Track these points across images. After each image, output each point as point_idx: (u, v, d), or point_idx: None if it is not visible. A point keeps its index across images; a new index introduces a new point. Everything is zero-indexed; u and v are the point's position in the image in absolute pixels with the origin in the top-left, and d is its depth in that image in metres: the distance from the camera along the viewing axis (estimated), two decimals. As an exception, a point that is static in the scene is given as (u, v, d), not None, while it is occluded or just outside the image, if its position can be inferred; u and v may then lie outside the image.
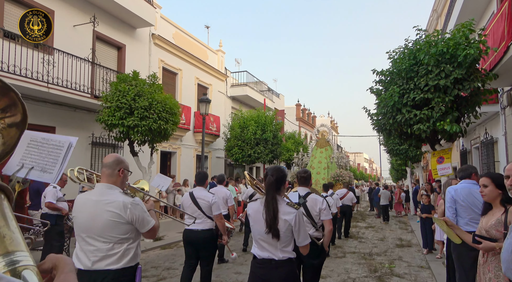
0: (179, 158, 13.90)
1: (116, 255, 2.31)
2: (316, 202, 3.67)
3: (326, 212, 3.67)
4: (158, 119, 8.21)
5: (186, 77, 14.43)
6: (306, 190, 3.82)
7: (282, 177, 2.64)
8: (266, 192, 2.57)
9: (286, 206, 2.54)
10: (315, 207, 3.66)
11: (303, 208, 3.64)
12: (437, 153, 6.94)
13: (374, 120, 7.72)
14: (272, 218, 2.44)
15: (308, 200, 3.67)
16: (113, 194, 2.36)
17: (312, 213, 3.64)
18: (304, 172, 3.90)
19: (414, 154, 11.92)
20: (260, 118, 14.89)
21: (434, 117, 6.17)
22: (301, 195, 3.74)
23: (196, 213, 4.45)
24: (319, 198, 3.73)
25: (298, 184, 3.93)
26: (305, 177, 3.86)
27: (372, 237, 10.46)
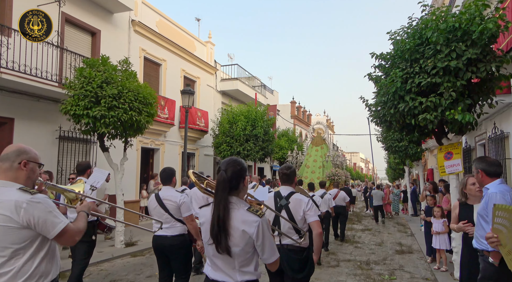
0: (162, 155, 12.94)
1: (7, 274, 1.79)
2: (301, 203, 3.10)
3: (312, 213, 3.10)
4: (129, 110, 7.26)
5: (171, 69, 13.47)
6: (289, 189, 3.25)
7: (239, 172, 1.97)
8: (215, 193, 1.93)
9: (246, 212, 1.90)
10: (299, 210, 3.09)
11: (285, 211, 3.12)
12: (445, 148, 6.05)
13: (372, 111, 6.84)
14: (217, 227, 1.83)
15: (291, 201, 3.12)
16: (6, 193, 1.87)
17: (296, 216, 3.08)
18: (287, 168, 3.30)
19: (414, 152, 11.09)
20: (250, 113, 13.97)
21: (443, 105, 5.28)
22: (283, 195, 3.18)
23: (163, 217, 3.90)
24: (304, 198, 3.15)
25: (280, 182, 3.36)
26: (287, 174, 3.28)
27: (369, 241, 9.58)
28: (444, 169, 5.96)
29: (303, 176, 17.57)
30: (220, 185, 1.90)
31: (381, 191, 15.16)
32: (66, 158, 8.86)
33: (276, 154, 20.25)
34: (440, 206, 6.16)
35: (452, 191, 5.78)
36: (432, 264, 6.68)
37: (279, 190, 3.29)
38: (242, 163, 2.04)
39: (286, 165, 3.40)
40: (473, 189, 3.43)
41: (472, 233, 3.23)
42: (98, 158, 9.60)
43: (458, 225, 3.42)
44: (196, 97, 15.30)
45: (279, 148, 20.09)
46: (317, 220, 3.08)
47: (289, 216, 3.07)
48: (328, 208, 8.67)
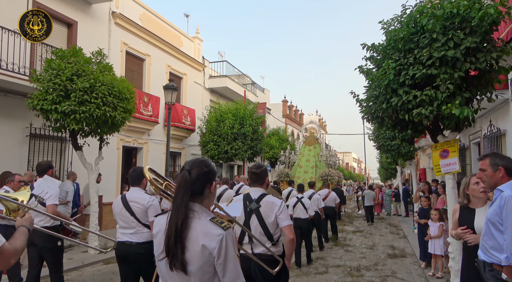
0: (146, 155, 12.38)
1: None
2: (273, 206, 2.82)
3: (284, 217, 2.82)
4: (103, 105, 6.71)
5: (155, 64, 12.91)
6: (260, 191, 2.92)
7: (206, 175, 1.65)
8: (174, 197, 1.60)
9: (209, 222, 1.56)
10: (270, 214, 2.80)
11: (256, 215, 2.82)
12: (440, 146, 5.64)
13: (363, 107, 6.41)
14: (173, 239, 1.50)
15: (263, 205, 2.82)
16: None
17: (267, 221, 2.80)
18: (257, 167, 2.97)
19: (407, 151, 10.72)
20: (238, 111, 13.48)
21: (439, 99, 4.86)
22: (254, 198, 2.86)
23: (128, 221, 3.54)
24: (276, 201, 2.86)
25: (250, 183, 3.07)
26: (257, 174, 2.93)
27: (360, 244, 9.17)
28: (439, 168, 5.54)
29: (295, 176, 17.20)
30: (180, 188, 1.56)
31: (373, 191, 14.90)
32: (37, 157, 8.26)
33: (267, 154, 19.79)
34: (438, 209, 5.73)
35: (448, 192, 5.37)
36: (426, 270, 6.27)
37: (248, 193, 2.95)
38: (211, 165, 1.70)
39: (256, 163, 3.06)
40: (477, 190, 2.99)
41: (471, 242, 2.80)
42: (74, 157, 9.02)
43: (457, 232, 2.98)
44: (183, 94, 14.77)
45: (269, 148, 19.63)
46: (289, 224, 2.80)
47: (260, 221, 2.79)
48: (318, 209, 8.31)
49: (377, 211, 16.28)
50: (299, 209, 7.22)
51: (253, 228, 2.79)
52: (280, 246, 2.88)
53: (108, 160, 10.46)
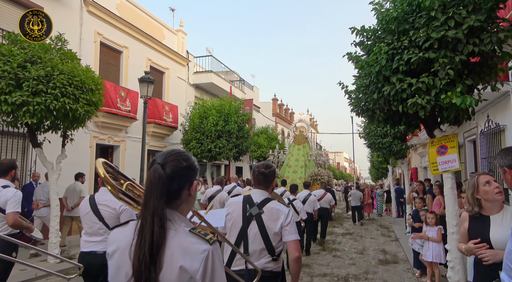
0: (123, 153, 11.61)
1: None
2: (278, 214, 2.37)
3: (292, 229, 2.35)
4: (61, 96, 5.96)
5: (134, 58, 12.13)
6: (264, 194, 2.49)
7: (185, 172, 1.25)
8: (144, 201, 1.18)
9: (189, 235, 1.17)
10: (275, 223, 2.35)
11: (256, 223, 2.37)
12: (437, 141, 5.04)
13: (352, 98, 5.80)
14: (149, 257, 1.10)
15: (266, 211, 2.38)
16: None
17: (269, 231, 2.35)
18: (266, 167, 2.51)
19: (399, 149, 10.18)
20: (223, 107, 12.79)
21: (437, 87, 4.27)
22: (256, 202, 2.43)
23: (96, 227, 3.13)
24: (283, 208, 2.41)
25: (254, 184, 2.59)
26: (265, 175, 2.49)
27: (350, 248, 8.56)
28: (436, 166, 4.95)
29: (284, 176, 16.61)
30: (153, 189, 1.18)
31: (360, 191, 14.63)
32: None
33: (255, 153, 19.14)
34: (433, 212, 5.12)
35: (446, 192, 4.77)
36: (421, 279, 5.67)
37: (250, 195, 2.51)
38: (191, 159, 1.32)
39: (265, 163, 2.58)
40: (490, 192, 2.34)
41: (488, 260, 2.16)
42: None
43: (468, 246, 2.33)
44: (165, 89, 14.02)
45: (257, 146, 18.98)
46: (296, 239, 2.34)
47: (261, 230, 2.35)
48: (312, 211, 7.81)
49: (367, 211, 15.80)
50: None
51: (252, 237, 2.36)
52: (281, 262, 2.44)
53: (80, 159, 9.70)
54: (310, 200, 7.97)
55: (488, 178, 2.40)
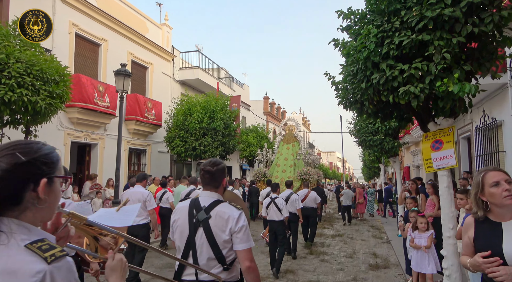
0: (101, 152, 10.99)
1: None
2: (227, 219, 2.08)
3: (243, 236, 2.07)
4: (18, 87, 5.37)
5: (114, 51, 11.52)
6: (212, 196, 2.20)
7: (24, 169, 1.00)
8: None
9: (24, 251, 0.92)
10: (223, 229, 2.07)
11: (203, 229, 2.08)
12: (432, 135, 4.57)
13: (339, 90, 5.31)
14: None
15: (213, 216, 2.10)
16: None
17: (218, 238, 2.06)
18: (212, 164, 2.22)
19: (390, 146, 9.74)
20: (208, 104, 12.23)
21: (432, 73, 3.80)
22: (203, 206, 2.14)
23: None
24: (233, 212, 2.11)
25: (202, 186, 2.31)
26: (212, 173, 2.20)
27: (339, 251, 8.08)
28: (431, 163, 4.48)
29: (273, 175, 16.12)
30: None
31: (351, 191, 14.36)
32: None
33: (244, 152, 18.62)
34: (423, 215, 4.62)
35: (442, 192, 4.29)
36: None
37: (197, 198, 2.23)
38: (35, 152, 1.03)
39: (212, 159, 2.29)
40: (498, 194, 1.85)
41: (503, 280, 1.66)
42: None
43: (475, 261, 1.82)
44: (148, 85, 13.42)
45: (246, 145, 18.46)
46: (247, 248, 2.08)
47: (208, 237, 2.07)
48: (295, 210, 7.45)
49: (359, 211, 15.37)
50: (272, 211, 6.37)
51: (199, 246, 2.09)
52: (236, 270, 2.17)
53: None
54: (292, 199, 7.57)
55: (498, 178, 1.89)
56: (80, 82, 9.45)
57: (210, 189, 2.20)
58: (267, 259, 7.14)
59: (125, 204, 1.64)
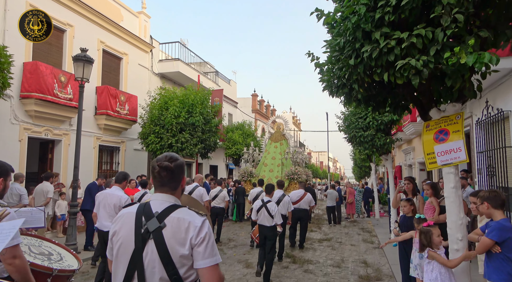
0: (66, 149, 9.96)
1: None
2: (186, 228, 1.61)
3: (207, 251, 1.60)
4: None
5: (81, 39, 10.47)
6: (168, 200, 1.73)
7: None
8: None
9: None
10: (181, 240, 1.59)
11: (155, 243, 1.61)
12: (434, 124, 3.74)
13: (323, 73, 4.46)
14: None
15: (168, 224, 1.62)
16: None
17: (173, 254, 1.58)
18: (170, 160, 1.74)
19: (382, 143, 8.96)
20: (187, 97, 11.29)
21: (439, 41, 2.97)
22: (155, 212, 1.67)
23: None
24: (194, 218, 1.63)
25: (155, 187, 1.78)
26: (171, 171, 1.72)
27: (326, 259, 7.24)
28: (434, 158, 3.64)
29: (260, 175, 15.27)
30: None
31: (336, 191, 13.95)
32: None
33: (229, 150, 17.71)
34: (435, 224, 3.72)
35: (448, 194, 3.46)
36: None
37: (148, 203, 1.74)
38: None
39: (168, 154, 1.80)
40: None
41: None
42: None
43: None
44: (122, 77, 12.40)
45: (232, 143, 17.55)
46: (213, 265, 1.58)
47: (161, 252, 1.57)
48: (286, 213, 6.94)
49: (350, 212, 14.59)
50: (263, 215, 5.81)
51: (148, 265, 1.60)
52: None
53: (6, 155, 8.03)
54: (284, 201, 7.10)
55: None
56: (38, 71, 8.44)
57: (167, 191, 1.74)
58: (244, 270, 6.26)
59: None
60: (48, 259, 2.63)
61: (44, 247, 2.85)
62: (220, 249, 8.03)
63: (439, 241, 3.42)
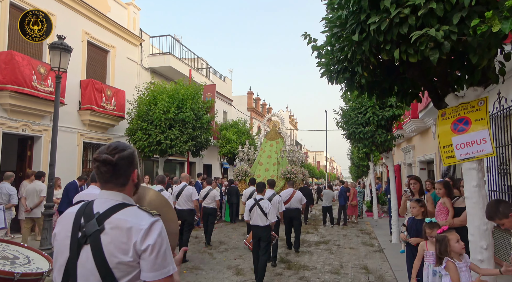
0: (46, 146, 9.32)
1: None
2: (130, 231, 1.32)
3: (157, 260, 1.31)
4: None
5: (64, 29, 9.80)
6: (115, 198, 1.43)
7: None
8: None
9: None
10: (123, 246, 1.30)
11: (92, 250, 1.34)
12: (452, 112, 3.20)
13: (322, 56, 3.92)
14: None
15: (108, 228, 1.34)
16: None
17: (112, 260, 1.30)
18: (113, 151, 1.44)
19: (383, 139, 8.44)
20: (176, 92, 10.70)
21: (465, 5, 2.43)
22: (97, 213, 1.39)
23: None
24: (140, 220, 1.34)
25: (100, 184, 1.50)
26: (112, 164, 1.42)
27: (323, 264, 6.70)
28: (452, 151, 3.10)
29: (255, 174, 14.72)
30: None
31: (332, 191, 13.62)
32: None
33: (223, 149, 17.13)
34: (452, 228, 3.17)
35: (470, 194, 2.92)
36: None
37: (92, 201, 1.45)
38: None
39: (112, 144, 1.46)
40: None
41: None
42: None
43: None
44: (109, 71, 11.79)
45: (226, 141, 16.97)
46: (163, 279, 1.30)
47: (97, 261, 1.30)
48: (278, 213, 6.44)
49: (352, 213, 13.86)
50: (256, 214, 5.49)
51: (82, 276, 1.32)
52: None
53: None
54: (274, 201, 6.62)
55: None
56: (13, 61, 7.81)
57: (112, 187, 1.45)
58: (233, 278, 5.70)
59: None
60: (12, 263, 2.47)
61: (9, 251, 2.69)
62: (209, 254, 7.47)
63: (460, 247, 2.84)
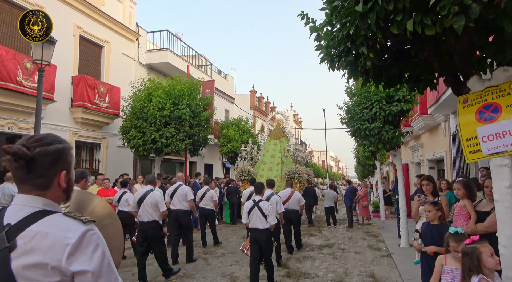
0: (36, 145, 8.89)
1: None
2: (53, 247, 1.02)
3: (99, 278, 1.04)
4: None
5: (56, 23, 9.41)
6: (35, 204, 1.11)
7: None
8: None
9: None
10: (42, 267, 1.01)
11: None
12: (476, 97, 2.67)
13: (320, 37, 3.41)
14: None
15: (20, 244, 1.03)
16: None
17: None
18: (32, 144, 1.14)
19: (391, 136, 7.88)
20: (173, 88, 10.24)
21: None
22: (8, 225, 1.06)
23: None
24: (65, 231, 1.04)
25: (16, 184, 1.15)
26: (28, 159, 1.10)
27: (326, 271, 6.17)
28: (476, 144, 2.56)
29: (259, 174, 14.23)
30: None
31: (334, 191, 13.18)
32: None
33: (224, 148, 16.65)
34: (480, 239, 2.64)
35: (499, 197, 2.39)
36: None
37: (4, 209, 1.13)
38: None
39: (34, 136, 1.18)
40: None
41: None
42: None
43: None
44: (103, 67, 11.38)
45: (227, 140, 16.49)
46: None
47: None
48: (277, 214, 6.15)
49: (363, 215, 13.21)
50: (255, 217, 5.16)
51: None
52: None
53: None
54: (272, 200, 6.25)
55: None
56: (-4, 55, 7.41)
57: (30, 190, 1.12)
58: (226, 287, 5.21)
59: None
60: None
61: None
62: (204, 259, 6.99)
63: (494, 263, 2.30)
